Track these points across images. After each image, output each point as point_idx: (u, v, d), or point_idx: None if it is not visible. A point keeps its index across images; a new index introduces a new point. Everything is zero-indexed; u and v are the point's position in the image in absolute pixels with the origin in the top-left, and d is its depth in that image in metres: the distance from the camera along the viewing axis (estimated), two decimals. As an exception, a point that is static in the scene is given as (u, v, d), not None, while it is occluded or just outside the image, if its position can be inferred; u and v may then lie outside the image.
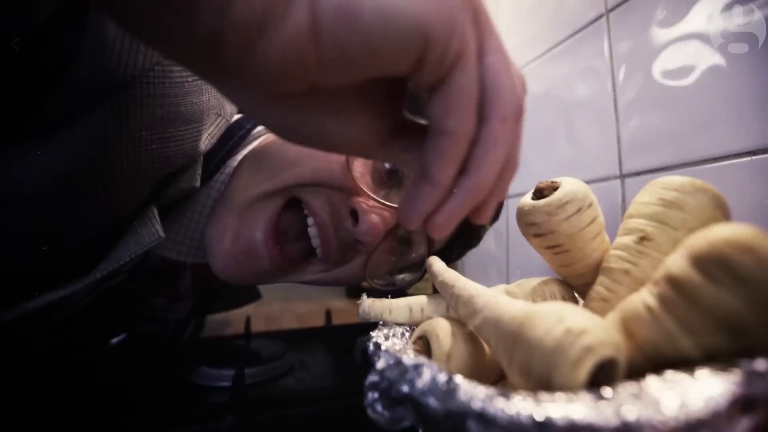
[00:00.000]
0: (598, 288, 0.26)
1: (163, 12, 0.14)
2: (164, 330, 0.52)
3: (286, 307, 1.00)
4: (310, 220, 0.37)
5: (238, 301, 0.71)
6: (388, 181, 0.38)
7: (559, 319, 0.18)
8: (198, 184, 0.35)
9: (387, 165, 0.38)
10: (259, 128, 0.44)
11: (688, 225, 0.23)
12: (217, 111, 0.34)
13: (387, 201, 0.36)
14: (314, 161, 0.37)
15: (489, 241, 0.53)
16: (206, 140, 0.34)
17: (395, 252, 0.40)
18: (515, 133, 0.19)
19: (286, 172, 0.36)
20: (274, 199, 0.36)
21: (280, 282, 0.41)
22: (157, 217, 0.33)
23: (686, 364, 0.17)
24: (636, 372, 0.18)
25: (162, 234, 0.32)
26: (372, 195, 0.36)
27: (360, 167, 0.37)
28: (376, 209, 0.35)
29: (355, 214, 0.36)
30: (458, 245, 0.46)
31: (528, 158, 0.49)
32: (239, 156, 0.41)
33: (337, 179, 0.36)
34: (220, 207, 0.37)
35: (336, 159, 0.37)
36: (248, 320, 0.63)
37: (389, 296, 0.33)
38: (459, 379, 0.18)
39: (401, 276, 0.42)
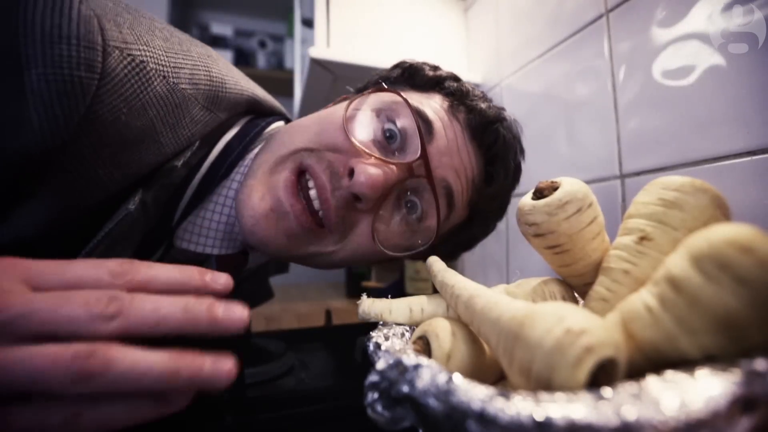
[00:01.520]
0: (598, 288, 0.26)
1: None
2: None
3: (286, 307, 1.00)
4: (311, 183, 0.38)
5: (255, 300, 0.71)
6: (388, 145, 0.39)
7: (559, 319, 0.18)
8: (178, 163, 0.36)
9: (387, 127, 0.39)
10: (273, 126, 0.46)
11: (688, 225, 0.23)
12: (201, 107, 0.36)
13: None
14: (319, 125, 0.39)
15: (489, 241, 0.53)
16: (189, 130, 0.36)
17: (403, 217, 0.40)
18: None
19: (295, 137, 0.39)
20: (287, 162, 0.38)
21: (303, 262, 0.42)
22: (138, 197, 0.34)
23: (686, 364, 0.17)
24: (636, 372, 0.18)
25: (131, 207, 0.33)
26: (370, 152, 0.36)
27: (360, 131, 0.38)
28: (373, 163, 0.36)
29: (353, 173, 0.36)
30: (474, 223, 0.46)
31: (528, 158, 0.49)
32: (256, 150, 0.43)
33: (339, 141, 0.38)
34: (245, 179, 0.40)
35: (337, 122, 0.38)
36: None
37: (389, 296, 0.33)
38: (459, 379, 0.18)
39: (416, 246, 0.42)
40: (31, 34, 0.25)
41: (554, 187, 0.27)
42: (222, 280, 0.24)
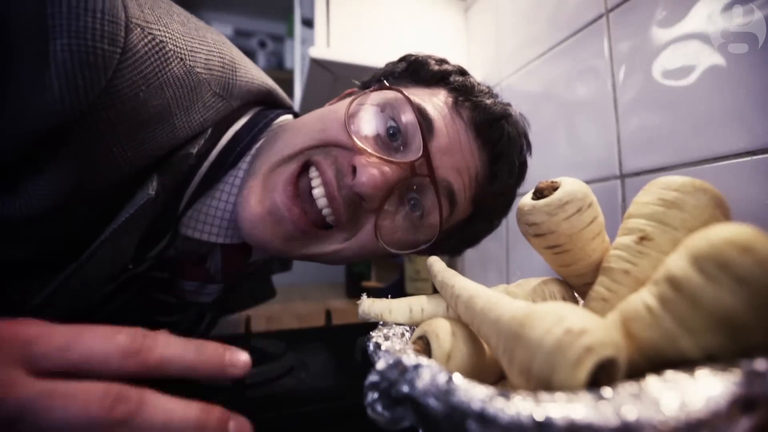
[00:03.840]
0: (598, 288, 0.26)
1: None
2: (183, 321, 0.52)
3: (286, 307, 1.00)
4: (315, 182, 0.38)
5: (257, 298, 0.71)
6: (391, 142, 0.39)
7: (559, 319, 0.18)
8: (193, 151, 0.37)
9: (389, 125, 0.39)
10: (281, 118, 0.46)
11: (688, 225, 0.23)
12: (213, 93, 0.36)
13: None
14: (322, 123, 0.39)
15: (489, 241, 0.53)
16: (202, 115, 0.36)
17: (406, 214, 0.40)
18: None
19: (299, 137, 0.39)
20: (290, 163, 0.38)
21: (308, 260, 0.42)
22: (155, 183, 0.34)
23: (686, 364, 0.17)
24: (636, 372, 0.18)
25: (151, 192, 0.33)
26: (372, 151, 0.37)
27: (363, 128, 0.39)
28: (375, 163, 0.36)
29: (355, 171, 0.36)
30: (478, 220, 0.46)
31: (528, 158, 0.49)
32: (261, 141, 0.43)
33: (342, 138, 0.38)
34: (247, 177, 0.40)
35: (340, 119, 0.38)
36: (248, 320, 0.63)
37: (389, 296, 0.33)
38: (459, 379, 0.18)
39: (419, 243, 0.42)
40: (58, 5, 0.26)
41: (554, 187, 0.27)
42: (241, 363, 0.24)
